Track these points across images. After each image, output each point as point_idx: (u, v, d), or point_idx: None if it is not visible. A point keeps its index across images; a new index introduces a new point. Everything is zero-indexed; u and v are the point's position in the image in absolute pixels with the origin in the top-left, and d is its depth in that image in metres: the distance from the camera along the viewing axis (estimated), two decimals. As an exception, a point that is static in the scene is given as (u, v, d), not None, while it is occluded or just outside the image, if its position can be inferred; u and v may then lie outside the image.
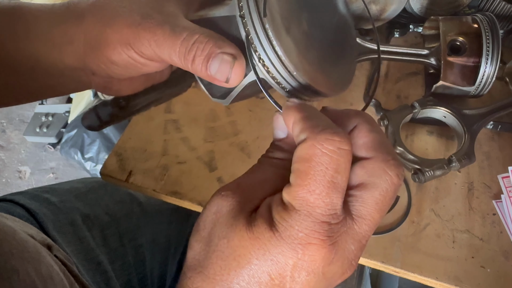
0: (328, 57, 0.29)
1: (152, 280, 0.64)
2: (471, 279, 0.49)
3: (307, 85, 0.26)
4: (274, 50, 0.25)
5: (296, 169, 0.24)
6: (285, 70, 0.26)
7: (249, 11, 0.25)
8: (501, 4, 0.67)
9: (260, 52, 0.26)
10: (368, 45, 0.63)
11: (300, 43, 0.26)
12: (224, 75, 0.26)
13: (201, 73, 0.27)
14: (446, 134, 0.61)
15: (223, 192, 0.26)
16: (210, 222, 0.26)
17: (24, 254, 0.35)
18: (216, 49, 0.26)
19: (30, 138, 1.64)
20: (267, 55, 0.25)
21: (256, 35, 0.25)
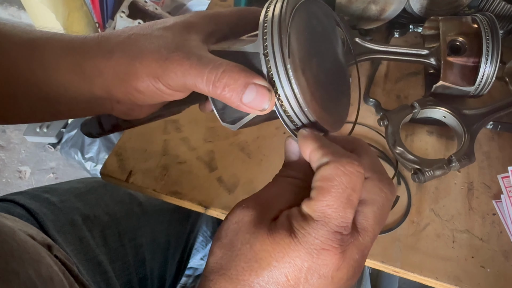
0: (330, 97, 0.32)
1: (152, 280, 0.64)
2: (471, 279, 0.49)
3: (314, 122, 0.30)
4: (292, 87, 0.28)
5: (318, 186, 0.27)
6: (298, 106, 0.29)
7: (273, 50, 0.28)
8: (501, 4, 0.67)
9: (278, 88, 0.29)
10: (368, 45, 0.64)
11: (311, 84, 0.29)
12: (261, 104, 0.29)
13: (231, 100, 0.29)
14: (446, 134, 0.61)
15: (244, 204, 0.29)
16: (232, 230, 0.28)
17: (24, 256, 0.35)
18: (250, 80, 0.29)
19: (30, 138, 1.64)
20: (284, 91, 0.28)
21: (277, 72, 0.28)
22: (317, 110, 0.29)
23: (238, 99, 0.29)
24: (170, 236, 0.70)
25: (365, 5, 0.68)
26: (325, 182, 0.27)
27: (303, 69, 0.29)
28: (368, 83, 0.67)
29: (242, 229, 0.28)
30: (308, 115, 0.29)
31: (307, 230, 0.27)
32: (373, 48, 0.63)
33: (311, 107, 0.29)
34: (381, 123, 0.57)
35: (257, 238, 0.27)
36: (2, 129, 1.72)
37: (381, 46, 0.63)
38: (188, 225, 0.77)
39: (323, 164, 0.28)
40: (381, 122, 0.57)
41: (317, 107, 0.29)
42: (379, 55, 0.63)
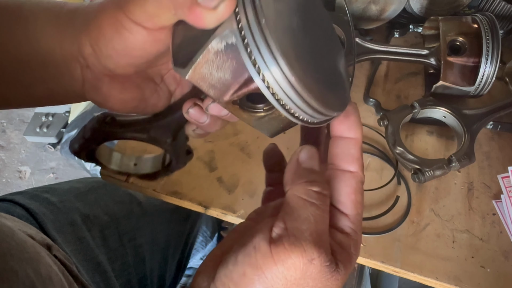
0: (326, 73, 0.27)
1: (152, 280, 0.64)
2: (471, 279, 0.49)
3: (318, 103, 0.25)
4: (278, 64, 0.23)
5: (355, 200, 0.28)
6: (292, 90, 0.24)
7: (247, 21, 0.23)
8: (501, 4, 0.67)
9: (261, 67, 0.23)
10: (368, 45, 0.64)
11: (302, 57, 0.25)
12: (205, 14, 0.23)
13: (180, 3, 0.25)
14: (446, 134, 0.61)
15: (310, 256, 0.25)
16: (296, 285, 0.26)
17: (23, 255, 0.35)
18: None
19: (30, 138, 1.64)
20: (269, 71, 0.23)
21: (255, 43, 0.23)
22: (315, 89, 0.25)
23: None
24: (170, 236, 0.70)
25: (365, 5, 0.68)
26: (357, 194, 0.28)
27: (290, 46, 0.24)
28: (368, 83, 0.67)
29: (310, 284, 0.26)
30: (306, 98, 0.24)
31: (357, 247, 0.28)
32: (373, 48, 0.63)
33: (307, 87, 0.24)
34: (381, 123, 0.57)
35: (328, 286, 0.26)
36: (2, 129, 1.72)
37: (381, 46, 0.63)
38: (188, 225, 0.77)
39: (352, 175, 0.28)
40: (381, 122, 0.57)
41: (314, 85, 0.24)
42: (379, 55, 0.63)
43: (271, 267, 0.25)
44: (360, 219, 0.28)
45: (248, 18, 0.23)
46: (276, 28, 0.23)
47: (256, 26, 0.23)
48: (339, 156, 0.29)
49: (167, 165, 0.38)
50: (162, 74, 0.34)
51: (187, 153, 0.38)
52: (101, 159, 0.38)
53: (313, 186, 0.27)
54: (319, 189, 0.27)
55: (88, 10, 0.30)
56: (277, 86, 0.24)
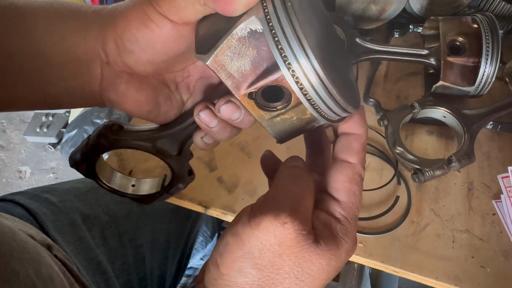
0: (340, 73, 0.28)
1: (152, 280, 0.64)
2: (471, 279, 0.49)
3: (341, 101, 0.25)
4: (310, 61, 0.24)
5: (347, 188, 0.29)
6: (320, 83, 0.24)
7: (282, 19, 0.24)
8: (501, 4, 0.67)
9: (292, 62, 0.24)
10: (368, 45, 0.64)
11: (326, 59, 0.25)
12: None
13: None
14: (446, 134, 0.61)
15: (282, 220, 0.26)
16: (272, 252, 0.26)
17: (24, 256, 0.35)
18: None
19: (31, 138, 1.64)
20: (300, 65, 0.24)
21: (288, 43, 0.24)
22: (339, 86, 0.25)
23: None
24: (170, 236, 0.70)
25: (365, 5, 0.68)
26: (352, 184, 0.29)
27: (314, 41, 0.24)
28: (368, 83, 0.67)
29: (286, 252, 0.26)
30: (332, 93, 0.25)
31: (348, 235, 0.28)
32: (373, 48, 0.63)
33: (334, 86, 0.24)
34: (381, 123, 0.57)
35: (308, 260, 0.27)
36: (2, 129, 1.72)
37: (381, 46, 0.63)
38: (188, 225, 0.77)
39: (349, 164, 0.29)
40: (381, 122, 0.57)
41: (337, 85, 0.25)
42: (379, 55, 0.63)
43: (247, 232, 0.26)
44: (353, 208, 0.29)
45: (276, 6, 0.23)
46: (304, 22, 0.24)
47: (285, 16, 0.23)
48: (341, 149, 0.30)
49: (167, 186, 0.37)
50: (177, 81, 0.35)
51: (189, 173, 0.37)
52: (100, 175, 0.37)
53: (297, 163, 0.30)
54: (301, 165, 0.29)
55: (115, 7, 0.31)
56: (304, 78, 0.24)
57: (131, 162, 0.57)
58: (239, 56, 0.25)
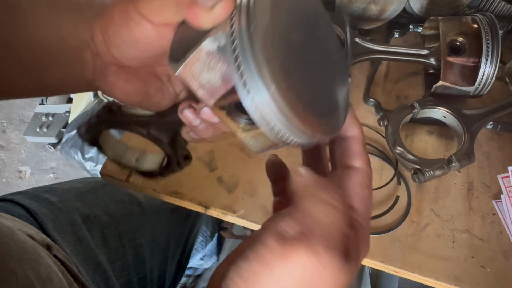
0: (318, 96, 0.26)
1: (152, 280, 0.64)
2: (471, 279, 0.49)
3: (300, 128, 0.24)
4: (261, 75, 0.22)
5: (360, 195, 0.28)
6: (277, 110, 0.22)
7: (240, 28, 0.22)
8: (501, 4, 0.67)
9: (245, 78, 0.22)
10: (368, 45, 0.64)
11: (291, 76, 0.23)
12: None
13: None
14: (446, 134, 0.61)
15: (319, 255, 0.25)
16: (307, 282, 0.25)
17: (23, 256, 0.35)
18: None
19: (30, 138, 1.64)
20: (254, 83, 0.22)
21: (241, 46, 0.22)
22: (301, 111, 0.23)
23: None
24: (169, 236, 0.70)
25: (365, 5, 0.68)
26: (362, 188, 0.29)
27: (281, 65, 0.22)
28: (368, 83, 0.67)
29: (319, 280, 0.25)
30: (295, 123, 0.23)
31: (365, 242, 0.28)
32: (373, 48, 0.63)
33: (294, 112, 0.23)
34: (381, 123, 0.57)
35: (338, 279, 0.26)
36: (2, 129, 1.72)
37: (381, 46, 0.63)
38: (188, 225, 0.77)
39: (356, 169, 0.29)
40: (381, 122, 0.57)
41: (300, 108, 0.23)
42: (379, 55, 0.63)
43: (279, 264, 0.25)
44: (367, 213, 0.28)
45: (240, 23, 0.22)
46: (267, 40, 0.22)
47: (246, 34, 0.22)
48: (342, 155, 0.29)
49: (164, 167, 0.38)
50: (170, 74, 0.35)
51: (185, 158, 0.38)
52: (104, 146, 0.38)
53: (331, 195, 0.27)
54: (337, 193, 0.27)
55: (104, 0, 0.31)
56: (264, 106, 0.22)
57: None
58: (209, 69, 0.24)
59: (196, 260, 1.06)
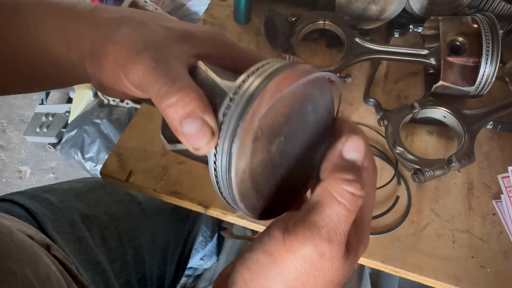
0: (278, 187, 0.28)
1: (151, 280, 0.64)
2: (471, 279, 0.49)
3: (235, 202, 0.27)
4: (229, 150, 0.25)
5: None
6: (226, 174, 0.25)
7: (238, 103, 0.24)
8: (501, 4, 0.67)
9: (219, 140, 0.25)
10: (368, 45, 0.64)
11: (259, 163, 0.26)
12: (197, 142, 0.26)
13: (171, 121, 0.26)
14: (446, 134, 0.61)
15: (321, 250, 0.25)
16: (307, 275, 0.26)
17: (22, 255, 0.35)
18: (201, 113, 0.25)
19: (30, 138, 1.64)
20: (222, 147, 0.25)
21: (228, 124, 0.25)
22: (248, 194, 0.26)
23: (179, 123, 0.26)
24: (169, 236, 0.70)
25: (365, 5, 0.68)
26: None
27: (258, 143, 0.25)
28: (368, 83, 0.67)
29: (321, 274, 0.26)
30: (233, 191, 0.26)
31: (366, 236, 0.29)
32: (373, 48, 0.63)
33: (240, 186, 0.26)
34: (381, 123, 0.57)
35: (340, 274, 0.27)
36: (2, 129, 1.72)
37: (381, 46, 0.63)
38: (188, 225, 0.77)
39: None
40: (381, 122, 0.57)
41: (251, 190, 0.27)
42: (379, 55, 0.63)
43: (282, 255, 0.25)
44: (369, 211, 0.29)
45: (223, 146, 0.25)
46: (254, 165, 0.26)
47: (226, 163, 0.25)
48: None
49: None
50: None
51: None
52: None
53: (350, 186, 0.26)
54: (354, 191, 0.26)
55: (92, 36, 0.30)
56: (225, 193, 0.27)
57: (131, 162, 0.57)
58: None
59: (196, 260, 1.06)
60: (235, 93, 0.25)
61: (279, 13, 0.67)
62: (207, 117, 0.25)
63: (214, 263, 1.09)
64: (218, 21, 0.77)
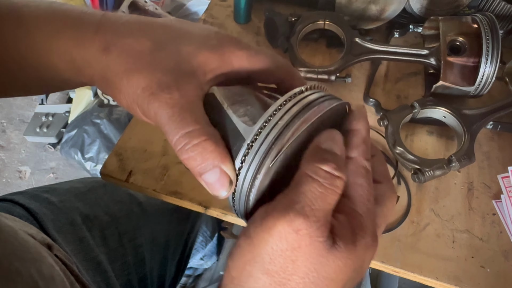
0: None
1: (152, 280, 0.64)
2: (471, 279, 0.49)
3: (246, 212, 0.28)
4: (247, 197, 0.27)
5: (353, 182, 0.28)
6: (243, 211, 0.28)
7: (254, 155, 0.26)
8: (501, 4, 0.67)
9: (238, 182, 0.27)
10: (368, 45, 0.64)
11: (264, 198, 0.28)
12: (217, 190, 0.27)
13: (192, 170, 0.28)
14: (446, 134, 0.61)
15: (296, 226, 0.25)
16: (284, 258, 0.25)
17: (26, 255, 0.35)
18: (219, 163, 0.27)
19: (30, 138, 1.64)
20: (240, 190, 0.27)
21: (245, 174, 0.27)
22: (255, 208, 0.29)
23: (199, 174, 0.28)
24: (169, 236, 0.70)
25: (365, 5, 0.68)
26: (356, 177, 0.28)
27: (267, 186, 0.27)
28: (368, 83, 0.67)
29: (300, 258, 0.25)
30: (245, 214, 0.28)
31: (364, 230, 0.27)
32: (373, 48, 0.63)
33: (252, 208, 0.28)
34: (381, 123, 0.57)
35: (325, 264, 0.25)
36: (2, 129, 1.72)
37: (381, 46, 0.63)
38: (188, 225, 0.77)
39: (349, 159, 0.29)
40: (381, 122, 0.57)
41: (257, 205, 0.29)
42: (379, 55, 0.63)
43: (259, 235, 0.25)
44: (363, 201, 0.27)
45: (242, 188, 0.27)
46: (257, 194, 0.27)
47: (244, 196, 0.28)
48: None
49: None
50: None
51: None
52: None
53: (324, 165, 0.26)
54: (329, 169, 0.25)
55: (103, 65, 0.30)
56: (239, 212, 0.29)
57: (131, 162, 0.57)
58: None
59: (196, 260, 1.06)
60: (253, 140, 0.26)
61: (279, 13, 0.67)
62: (225, 167, 0.27)
63: (214, 263, 1.09)
64: (218, 21, 0.77)
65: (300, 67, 0.63)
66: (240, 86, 0.32)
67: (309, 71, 0.63)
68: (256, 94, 0.31)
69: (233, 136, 0.28)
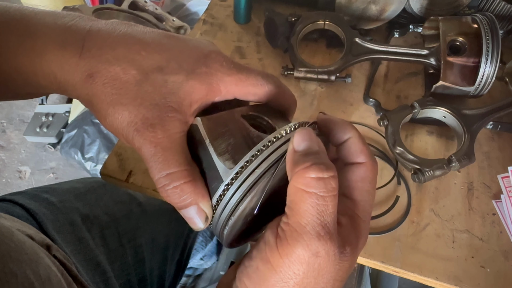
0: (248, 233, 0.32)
1: (151, 280, 0.64)
2: (471, 279, 0.49)
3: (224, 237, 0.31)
4: (225, 225, 0.30)
5: (361, 187, 0.29)
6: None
7: (231, 197, 0.28)
8: (501, 4, 0.67)
9: (217, 211, 0.30)
10: (368, 45, 0.64)
11: (239, 232, 0.30)
12: (196, 224, 0.30)
13: (173, 205, 0.30)
14: (446, 134, 0.61)
15: (315, 250, 0.25)
16: (307, 277, 0.26)
17: (22, 256, 0.35)
18: (197, 201, 0.29)
19: (30, 138, 1.64)
20: (218, 222, 0.30)
21: (221, 212, 0.29)
22: (230, 238, 0.31)
23: (178, 208, 0.30)
24: (169, 236, 0.70)
25: (365, 5, 0.68)
26: (364, 182, 0.29)
27: (244, 220, 0.29)
28: (368, 83, 0.67)
29: (321, 273, 0.26)
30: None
31: (364, 233, 0.28)
32: (373, 48, 0.63)
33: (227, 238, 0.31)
34: (381, 123, 0.57)
35: (338, 270, 0.26)
36: (2, 129, 1.72)
37: (381, 46, 0.63)
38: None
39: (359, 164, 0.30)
40: (381, 122, 0.57)
41: (234, 235, 0.31)
42: (379, 55, 0.63)
43: (278, 261, 0.26)
44: (367, 206, 0.29)
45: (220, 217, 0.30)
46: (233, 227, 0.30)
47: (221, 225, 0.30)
48: (346, 156, 0.30)
49: None
50: None
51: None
52: None
53: (310, 172, 0.25)
54: (317, 174, 0.25)
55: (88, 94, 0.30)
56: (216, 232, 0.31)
57: (131, 163, 0.57)
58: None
59: (196, 260, 1.06)
60: (228, 184, 0.28)
61: (279, 13, 0.67)
62: (202, 205, 0.29)
63: (214, 263, 1.09)
64: (218, 21, 0.77)
65: (300, 67, 0.63)
66: (226, 113, 0.32)
67: (309, 71, 0.63)
68: (241, 122, 0.31)
69: (212, 175, 0.30)
